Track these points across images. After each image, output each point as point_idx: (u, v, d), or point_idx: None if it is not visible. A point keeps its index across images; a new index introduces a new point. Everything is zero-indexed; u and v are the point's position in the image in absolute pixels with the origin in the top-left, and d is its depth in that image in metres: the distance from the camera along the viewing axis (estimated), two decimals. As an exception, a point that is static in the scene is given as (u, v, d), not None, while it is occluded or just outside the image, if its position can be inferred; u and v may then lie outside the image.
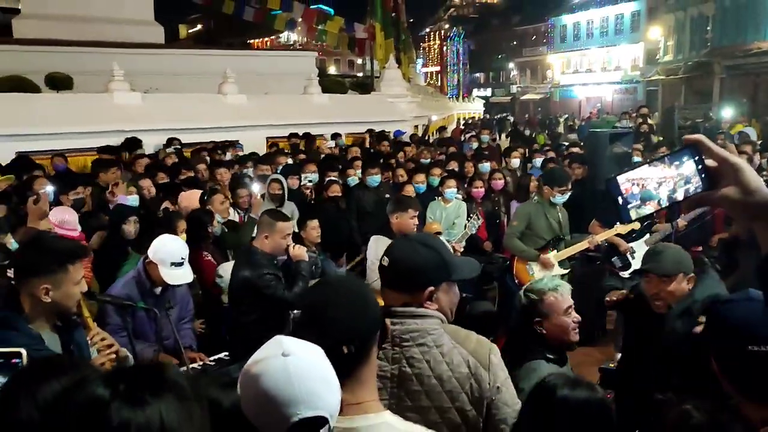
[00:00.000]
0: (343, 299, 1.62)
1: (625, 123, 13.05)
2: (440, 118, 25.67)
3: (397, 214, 4.77)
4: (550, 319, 2.79)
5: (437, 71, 61.76)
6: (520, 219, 6.04)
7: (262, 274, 4.10)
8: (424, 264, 2.05)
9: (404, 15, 24.68)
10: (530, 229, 5.95)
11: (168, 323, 3.40)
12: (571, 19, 51.33)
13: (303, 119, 12.12)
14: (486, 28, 64.79)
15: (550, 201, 5.92)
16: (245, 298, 4.18)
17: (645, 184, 1.15)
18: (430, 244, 2.13)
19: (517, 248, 5.97)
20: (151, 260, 3.73)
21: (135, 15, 16.26)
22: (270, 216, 4.31)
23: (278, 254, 4.29)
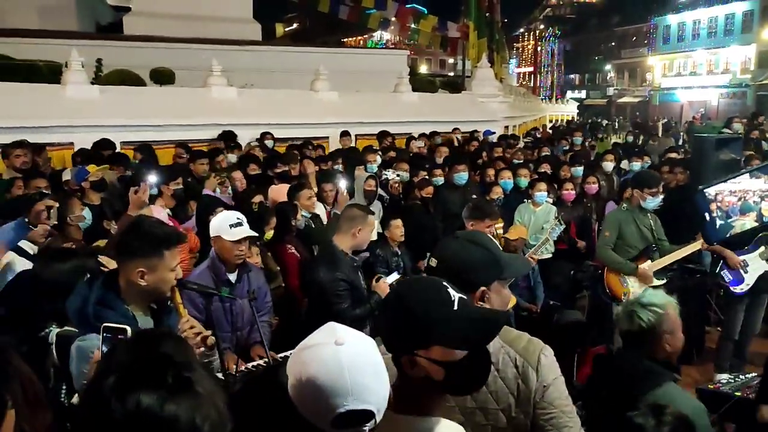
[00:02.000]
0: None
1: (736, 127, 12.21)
2: (532, 119, 25.13)
3: (472, 221, 4.63)
4: (675, 335, 2.63)
5: (530, 72, 60.51)
6: (610, 228, 5.75)
7: (335, 279, 4.03)
8: (474, 262, 1.96)
9: (499, 14, 24.32)
10: (621, 239, 5.65)
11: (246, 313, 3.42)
12: (676, 18, 48.98)
13: (393, 117, 12.13)
14: (583, 28, 62.90)
15: (639, 207, 5.59)
16: (318, 301, 4.14)
17: (746, 197, 1.02)
18: (479, 242, 2.03)
19: (613, 260, 5.68)
20: (215, 238, 3.78)
21: (235, 13, 16.82)
22: (363, 210, 4.27)
23: (361, 248, 4.25)
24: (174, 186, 5.94)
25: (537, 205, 6.96)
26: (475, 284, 1.95)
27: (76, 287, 2.51)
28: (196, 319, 3.32)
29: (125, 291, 2.48)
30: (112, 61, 11.68)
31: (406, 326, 1.55)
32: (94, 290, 2.42)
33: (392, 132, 11.46)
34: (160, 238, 2.49)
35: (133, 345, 1.30)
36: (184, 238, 2.72)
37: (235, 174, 6.40)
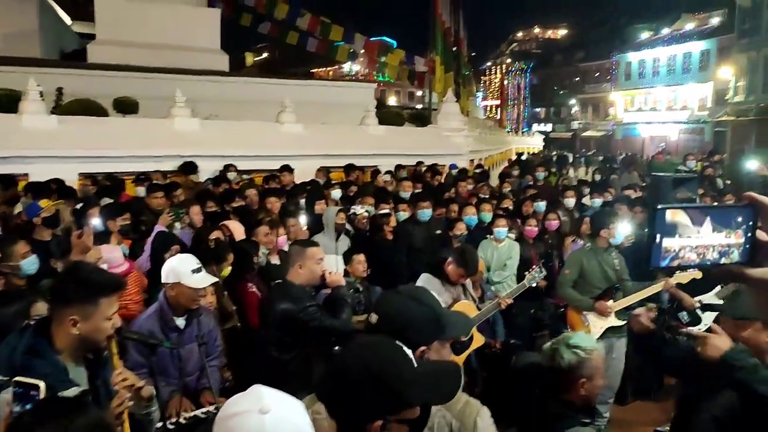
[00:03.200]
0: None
1: (690, 164, 12.53)
2: (498, 153, 25.43)
3: (452, 266, 4.68)
4: (594, 381, 2.60)
5: (497, 105, 61.60)
6: (572, 266, 5.78)
7: (304, 308, 3.98)
8: (415, 321, 1.92)
9: (465, 49, 24.75)
10: (583, 278, 5.66)
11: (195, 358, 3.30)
12: (637, 56, 50.47)
13: (359, 150, 12.14)
14: (548, 63, 64.42)
15: (605, 247, 5.63)
16: (287, 335, 4.06)
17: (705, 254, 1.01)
18: (421, 299, 1.99)
19: (571, 297, 5.70)
20: (170, 283, 3.64)
21: (203, 43, 16.80)
22: (299, 244, 4.23)
23: (314, 282, 4.18)
24: (121, 222, 5.79)
25: (500, 241, 6.97)
26: (415, 343, 1.89)
27: (9, 335, 2.39)
28: (141, 365, 3.21)
29: (58, 339, 2.36)
30: (75, 89, 11.51)
31: (378, 393, 1.49)
32: (25, 338, 2.30)
33: (358, 165, 11.48)
34: (97, 285, 2.39)
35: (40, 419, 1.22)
36: (122, 285, 2.61)
37: (193, 209, 6.27)
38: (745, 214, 0.93)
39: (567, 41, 69.60)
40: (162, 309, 3.67)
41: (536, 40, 75.23)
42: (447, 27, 20.42)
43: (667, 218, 0.98)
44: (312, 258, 4.09)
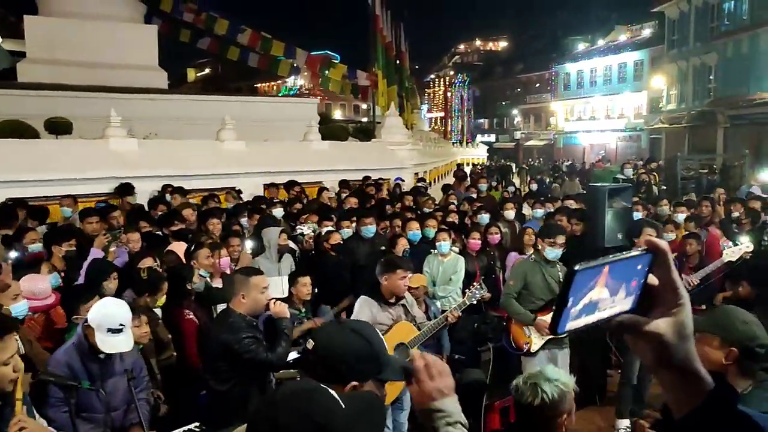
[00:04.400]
0: None
1: (628, 172, 12.91)
2: (443, 164, 25.67)
3: (386, 276, 4.61)
4: (571, 417, 2.56)
5: (442, 117, 62.34)
6: (515, 278, 5.80)
7: (240, 339, 3.87)
8: (353, 355, 1.84)
9: (408, 62, 24.98)
10: (526, 289, 5.70)
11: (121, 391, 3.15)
12: (575, 67, 51.91)
13: (302, 166, 12.05)
14: (490, 75, 65.65)
15: (546, 259, 5.69)
16: (223, 365, 3.95)
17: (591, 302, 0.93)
18: (364, 334, 1.91)
19: (513, 310, 5.70)
20: (89, 324, 3.45)
21: (139, 61, 16.45)
22: (243, 273, 4.13)
23: (258, 312, 4.08)
24: (67, 247, 5.58)
25: (445, 256, 6.98)
26: (346, 378, 1.83)
27: None
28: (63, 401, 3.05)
29: None
30: (4, 110, 11.06)
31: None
32: None
33: (302, 181, 11.38)
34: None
35: None
36: (13, 327, 2.44)
37: (131, 235, 6.05)
38: (644, 261, 0.90)
39: (507, 53, 71.12)
40: (81, 342, 3.49)
41: (478, 52, 76.63)
42: (388, 41, 20.58)
43: (585, 279, 0.85)
44: (256, 287, 4.00)
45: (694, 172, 14.97)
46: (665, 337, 0.88)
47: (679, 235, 7.70)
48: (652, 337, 0.89)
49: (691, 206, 8.96)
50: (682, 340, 0.89)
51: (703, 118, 33.17)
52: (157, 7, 20.10)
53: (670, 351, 0.89)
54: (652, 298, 0.90)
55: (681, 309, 0.89)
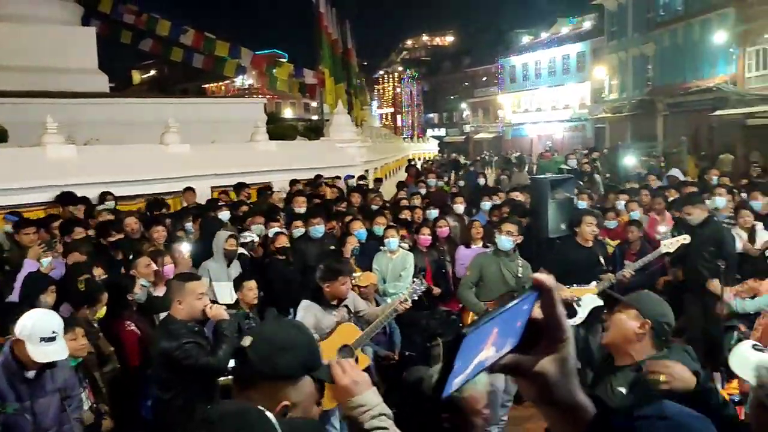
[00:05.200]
0: None
1: (572, 163, 13.21)
2: (393, 160, 25.73)
3: (327, 283, 4.61)
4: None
5: (392, 113, 62.51)
6: (472, 269, 5.89)
7: (180, 345, 3.82)
8: (291, 346, 1.85)
9: (355, 59, 24.91)
10: (483, 281, 5.77)
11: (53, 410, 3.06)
12: (520, 60, 52.73)
13: (249, 168, 11.89)
14: (438, 69, 66.11)
15: (505, 252, 5.75)
16: (166, 373, 3.89)
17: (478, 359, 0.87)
18: (302, 328, 1.96)
19: (467, 300, 5.79)
20: (18, 338, 3.32)
21: (78, 64, 15.96)
22: (178, 279, 4.07)
23: (196, 317, 4.03)
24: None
25: (394, 253, 7.00)
26: (284, 372, 1.81)
27: None
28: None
29: None
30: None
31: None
32: None
33: (250, 182, 11.25)
34: None
35: None
36: None
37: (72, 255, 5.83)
38: (530, 301, 0.86)
39: (454, 48, 71.71)
40: (8, 361, 3.36)
41: (425, 47, 77.00)
42: (334, 38, 20.47)
43: (473, 343, 0.78)
44: (192, 293, 3.95)
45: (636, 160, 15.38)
46: (549, 375, 0.86)
47: (621, 222, 7.93)
48: (536, 377, 0.87)
49: (632, 194, 9.21)
50: (565, 377, 0.87)
51: (643, 106, 34.17)
52: (95, 8, 19.55)
53: (552, 388, 0.88)
54: (536, 332, 0.87)
55: (565, 345, 0.87)
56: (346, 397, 1.74)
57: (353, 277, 6.49)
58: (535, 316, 0.87)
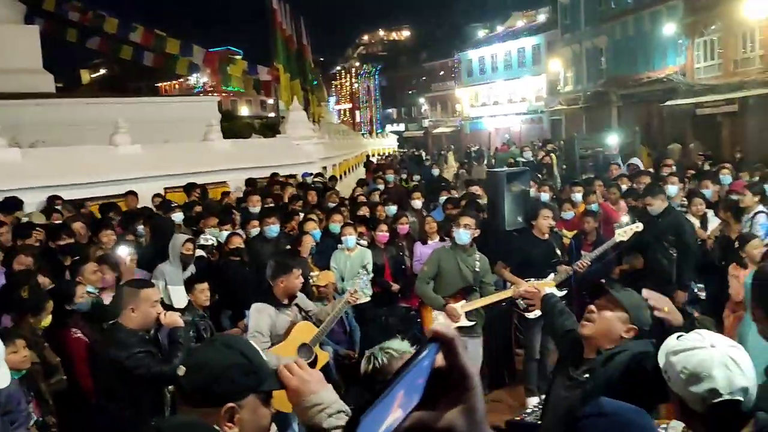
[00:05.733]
0: None
1: (527, 155, 13.31)
2: (353, 156, 25.63)
3: (281, 277, 4.50)
4: None
5: (350, 108, 62.35)
6: (429, 263, 5.84)
7: (132, 354, 3.68)
8: (225, 370, 1.74)
9: (311, 55, 24.71)
10: (440, 276, 5.73)
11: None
12: (476, 54, 53.07)
13: (203, 167, 11.66)
14: (395, 64, 66.13)
15: (462, 246, 5.69)
16: (115, 383, 3.74)
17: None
18: (237, 347, 1.82)
19: (425, 295, 5.74)
20: None
21: (21, 64, 15.43)
22: (132, 285, 3.92)
23: (149, 326, 3.89)
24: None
25: (351, 250, 6.93)
26: (222, 397, 1.71)
27: None
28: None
29: None
30: None
31: None
32: None
33: (205, 182, 11.02)
34: None
35: None
36: None
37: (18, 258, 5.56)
38: (430, 355, 0.80)
39: (410, 42, 71.85)
40: None
41: (382, 42, 76.97)
42: (288, 35, 20.26)
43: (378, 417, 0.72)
44: (147, 300, 3.80)
45: (591, 151, 15.59)
46: (457, 428, 0.82)
47: (577, 213, 8.01)
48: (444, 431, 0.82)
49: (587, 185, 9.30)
50: (474, 427, 0.83)
51: (597, 98, 34.76)
52: (39, 6, 18.92)
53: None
54: (441, 383, 0.81)
55: (472, 394, 0.82)
56: (300, 399, 1.65)
57: (311, 276, 6.45)
58: (438, 366, 0.80)
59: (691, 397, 1.78)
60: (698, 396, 1.76)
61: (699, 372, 1.76)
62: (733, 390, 1.73)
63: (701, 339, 1.85)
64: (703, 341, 1.83)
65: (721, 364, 1.75)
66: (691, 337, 1.88)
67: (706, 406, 1.75)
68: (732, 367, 1.75)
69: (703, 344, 1.81)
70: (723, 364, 1.75)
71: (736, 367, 1.75)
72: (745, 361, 1.78)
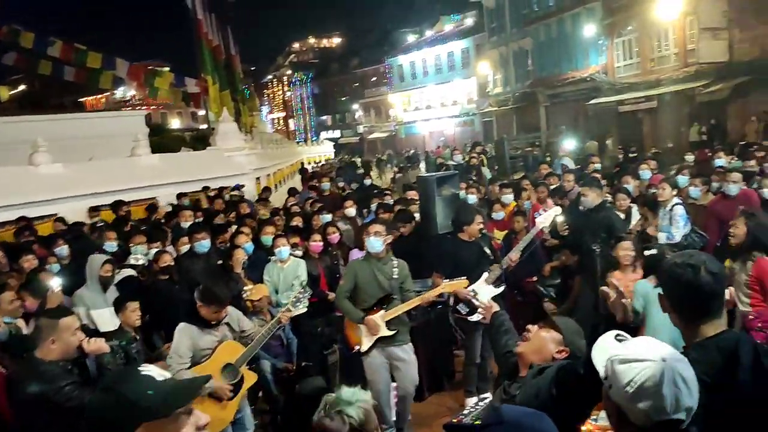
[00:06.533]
0: None
1: (458, 158, 13.52)
2: (287, 165, 25.42)
3: (205, 307, 4.43)
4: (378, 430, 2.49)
5: (283, 117, 61.88)
6: (347, 276, 5.70)
7: (59, 388, 3.50)
8: (102, 415, 1.69)
9: (240, 65, 24.38)
10: (358, 288, 5.63)
11: None
12: (407, 59, 53.60)
13: (131, 184, 11.32)
14: (327, 71, 66.08)
15: (378, 255, 5.64)
16: (38, 419, 3.56)
17: None
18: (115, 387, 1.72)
19: (344, 308, 5.61)
20: None
21: (-71, 83, 14.62)
22: (50, 316, 3.75)
23: (71, 355, 3.73)
24: None
25: (284, 262, 6.84)
26: None
27: None
28: None
29: None
30: None
31: None
32: None
33: (133, 199, 10.71)
34: None
35: None
36: None
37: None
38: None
39: (341, 49, 71.92)
40: None
41: (313, 50, 76.71)
42: (216, 45, 19.93)
43: None
44: (67, 330, 3.63)
45: (521, 151, 15.97)
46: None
47: (507, 214, 8.17)
48: None
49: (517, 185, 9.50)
50: None
51: (525, 99, 35.69)
52: (-53, 22, 18.00)
53: None
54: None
55: None
56: None
57: (244, 291, 6.33)
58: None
59: (634, 411, 1.69)
60: (642, 412, 1.68)
61: (648, 388, 1.66)
62: (679, 410, 1.66)
63: (649, 349, 1.74)
64: (653, 352, 1.72)
65: (671, 381, 1.66)
66: (637, 345, 1.78)
67: (649, 422, 1.68)
68: (680, 385, 1.67)
69: (653, 357, 1.70)
70: (672, 382, 1.66)
71: (684, 386, 1.68)
72: (691, 378, 1.71)
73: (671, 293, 2.36)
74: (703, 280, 2.24)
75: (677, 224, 6.88)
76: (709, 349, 1.74)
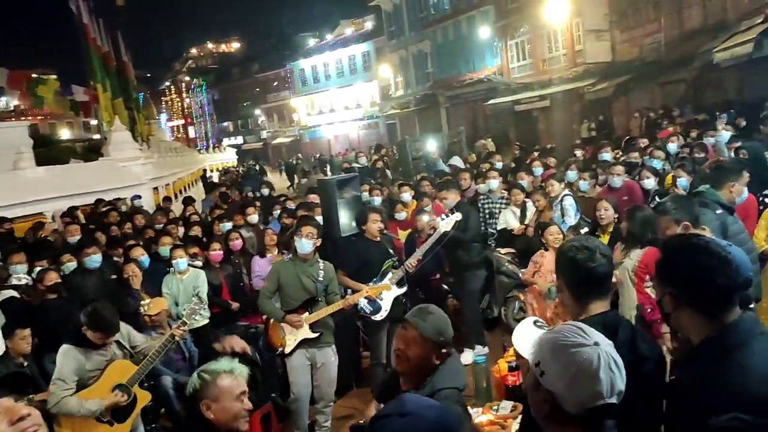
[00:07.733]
0: None
1: (362, 161, 13.57)
2: (188, 174, 24.66)
3: (90, 331, 4.21)
4: (220, 404, 2.58)
5: (183, 124, 60.03)
6: (270, 278, 5.67)
7: None
8: None
9: (132, 72, 23.46)
10: (282, 290, 5.59)
11: None
12: (308, 63, 53.32)
13: (14, 199, 10.61)
14: (227, 77, 64.74)
15: (302, 257, 5.58)
16: None
17: None
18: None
19: (265, 308, 5.59)
20: None
21: None
22: None
23: None
24: None
25: (183, 273, 6.63)
26: None
27: None
28: None
29: None
30: None
31: None
32: None
33: (17, 215, 10.04)
34: None
35: None
36: None
37: None
38: None
39: (241, 54, 70.73)
40: None
41: (211, 55, 75.01)
42: (105, 51, 19.07)
43: None
44: None
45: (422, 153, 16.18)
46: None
47: (409, 213, 8.28)
48: None
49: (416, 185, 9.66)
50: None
51: (426, 100, 36.36)
52: None
53: None
54: None
55: None
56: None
57: (142, 305, 6.07)
58: None
59: (570, 397, 1.65)
60: (579, 397, 1.64)
61: (586, 373, 1.63)
62: (613, 393, 1.65)
63: (583, 335, 1.71)
64: (586, 337, 1.69)
65: (606, 365, 1.64)
66: (569, 331, 1.73)
67: (584, 408, 1.64)
68: (614, 368, 1.65)
69: (587, 341, 1.68)
70: (608, 366, 1.64)
71: (617, 369, 1.66)
72: (620, 361, 1.69)
73: (567, 272, 2.52)
74: (598, 262, 2.44)
75: (568, 213, 7.26)
76: (596, 326, 1.78)
